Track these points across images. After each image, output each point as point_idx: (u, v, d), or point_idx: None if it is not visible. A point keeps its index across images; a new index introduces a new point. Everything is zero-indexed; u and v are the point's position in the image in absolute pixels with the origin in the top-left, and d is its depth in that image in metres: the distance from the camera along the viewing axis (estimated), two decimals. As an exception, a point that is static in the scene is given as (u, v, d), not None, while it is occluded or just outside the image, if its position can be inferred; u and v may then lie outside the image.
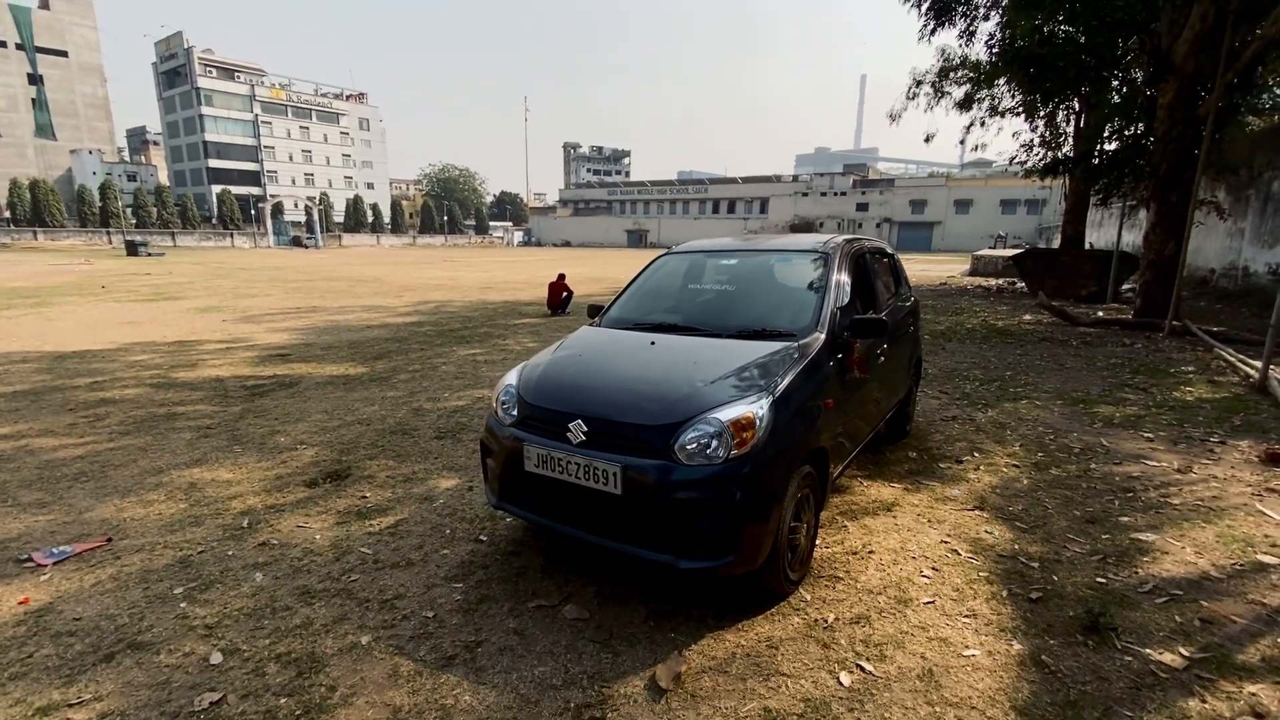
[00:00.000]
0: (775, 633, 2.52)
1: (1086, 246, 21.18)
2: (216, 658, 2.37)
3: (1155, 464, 4.39)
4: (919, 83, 20.34)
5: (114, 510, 3.68)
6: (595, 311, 4.01)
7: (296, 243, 66.26)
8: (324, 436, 5.09)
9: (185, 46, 76.26)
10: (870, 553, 3.15)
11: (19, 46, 70.90)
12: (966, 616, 2.62)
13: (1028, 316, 12.67)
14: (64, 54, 74.52)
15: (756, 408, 2.53)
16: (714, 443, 2.44)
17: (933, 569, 3.00)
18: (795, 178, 79.29)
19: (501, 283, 21.87)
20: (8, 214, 58.81)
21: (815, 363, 2.95)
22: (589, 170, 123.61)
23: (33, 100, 72.82)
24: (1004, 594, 2.77)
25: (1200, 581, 2.87)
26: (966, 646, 2.42)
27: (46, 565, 3.04)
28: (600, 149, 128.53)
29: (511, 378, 3.14)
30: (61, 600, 2.77)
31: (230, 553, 3.17)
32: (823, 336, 3.11)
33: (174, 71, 78.34)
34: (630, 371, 2.96)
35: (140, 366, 7.97)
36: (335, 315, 13.26)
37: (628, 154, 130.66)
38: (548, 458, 2.67)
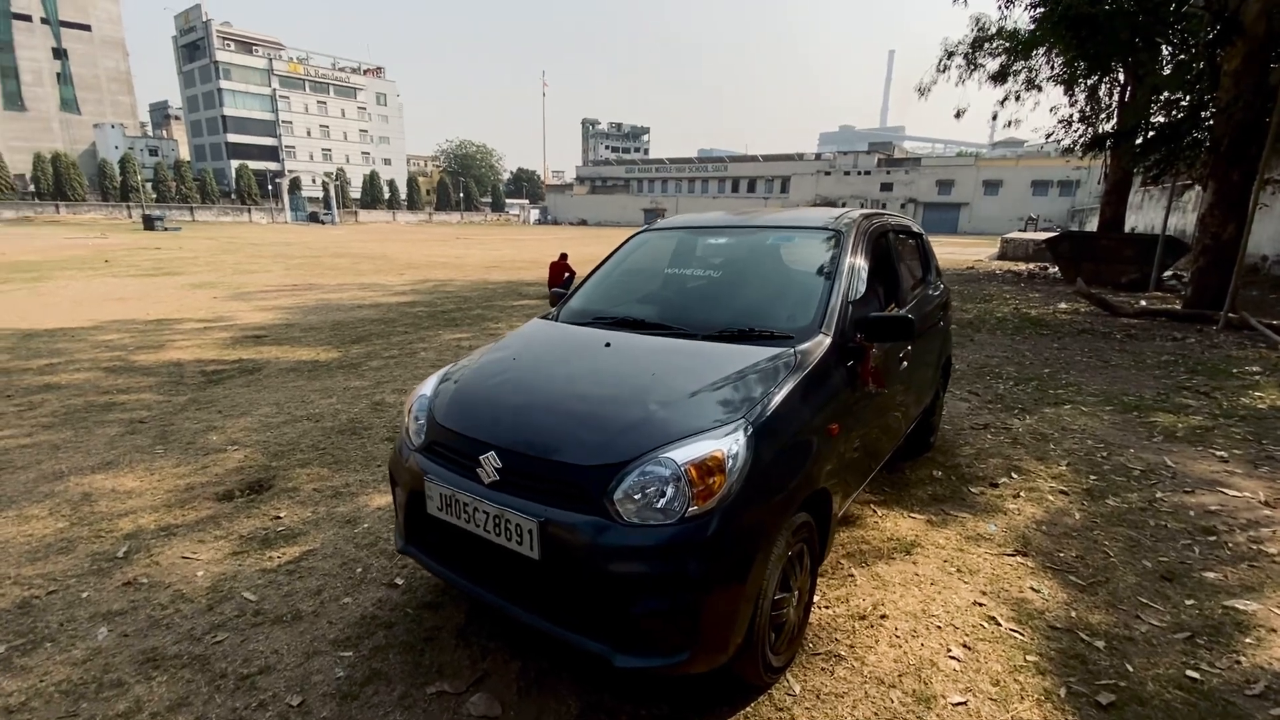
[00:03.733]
0: (747, 748, 1.85)
1: (1127, 230, 19.93)
2: (-8, 766, 1.77)
3: (1236, 494, 3.62)
4: (950, 54, 19.10)
5: (-19, 529, 3.11)
6: (557, 299, 3.32)
7: (314, 218, 66.12)
8: (262, 435, 4.50)
9: (204, 19, 75.85)
10: (882, 618, 2.46)
11: (44, 20, 70.95)
12: (1011, 729, 1.93)
13: (1063, 305, 11.71)
14: (87, 28, 74.41)
15: (729, 443, 1.83)
16: (667, 492, 1.76)
17: (963, 646, 2.30)
18: (818, 156, 77.28)
19: (508, 262, 21.21)
20: (32, 187, 59.28)
21: (816, 375, 2.24)
22: (607, 147, 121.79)
23: (57, 74, 72.96)
24: (1061, 693, 2.07)
25: (1326, 677, 2.15)
26: (1013, 785, 1.74)
27: None
28: (619, 125, 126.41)
29: (427, 386, 2.47)
30: None
31: (85, 595, 2.57)
32: (828, 340, 2.39)
33: (193, 45, 78.09)
34: (569, 386, 2.27)
35: (105, 347, 7.48)
36: (329, 294, 12.74)
37: (647, 131, 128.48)
38: (452, 500, 2.01)
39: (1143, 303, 11.45)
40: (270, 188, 71.52)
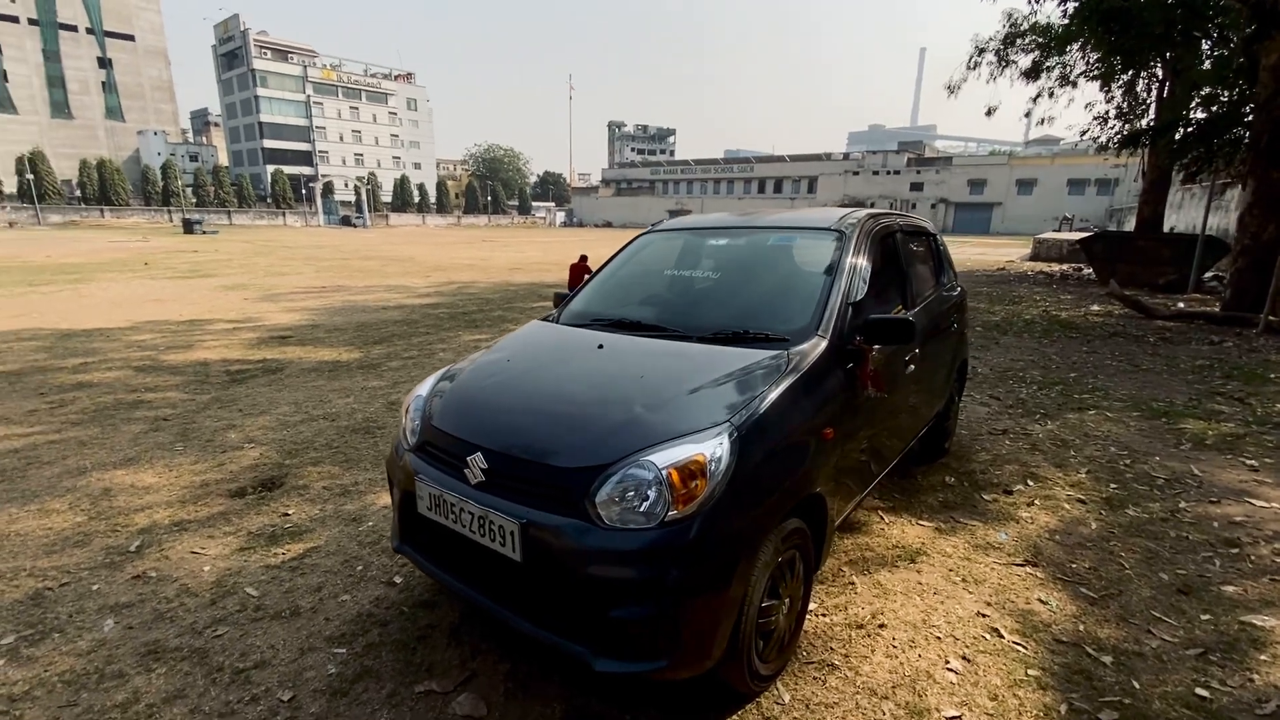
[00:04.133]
0: (730, 757, 1.83)
1: (1166, 230, 19.26)
2: (-5, 751, 1.84)
3: (1264, 504, 3.46)
4: (981, 51, 18.75)
5: (5, 521, 3.23)
6: (560, 301, 3.33)
7: (346, 222, 67.58)
8: (279, 434, 4.60)
9: (241, 29, 78.06)
10: (880, 627, 2.41)
11: (89, 31, 73.78)
12: (1006, 744, 1.87)
13: (1096, 307, 11.38)
14: (130, 38, 77.13)
15: (711, 446, 1.81)
16: (649, 495, 1.75)
17: (963, 659, 2.24)
18: (846, 155, 76.33)
19: (532, 263, 21.39)
20: (79, 193, 61.68)
21: (810, 378, 2.20)
22: (633, 149, 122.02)
23: (103, 83, 75.77)
24: (1062, 709, 1.99)
25: (1350, 700, 2.03)
26: (1004, 803, 1.68)
27: (-111, 593, 2.59)
28: (645, 127, 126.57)
29: (425, 387, 2.50)
30: None
31: (96, 587, 2.65)
32: (825, 342, 2.34)
33: (232, 54, 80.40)
34: (556, 388, 2.27)
35: (137, 347, 7.72)
36: (356, 295, 12.98)
37: (673, 133, 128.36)
38: (441, 500, 2.02)
39: (1180, 305, 11.07)
40: (304, 192, 73.30)
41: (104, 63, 75.34)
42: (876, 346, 2.51)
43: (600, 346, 2.47)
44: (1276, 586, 2.67)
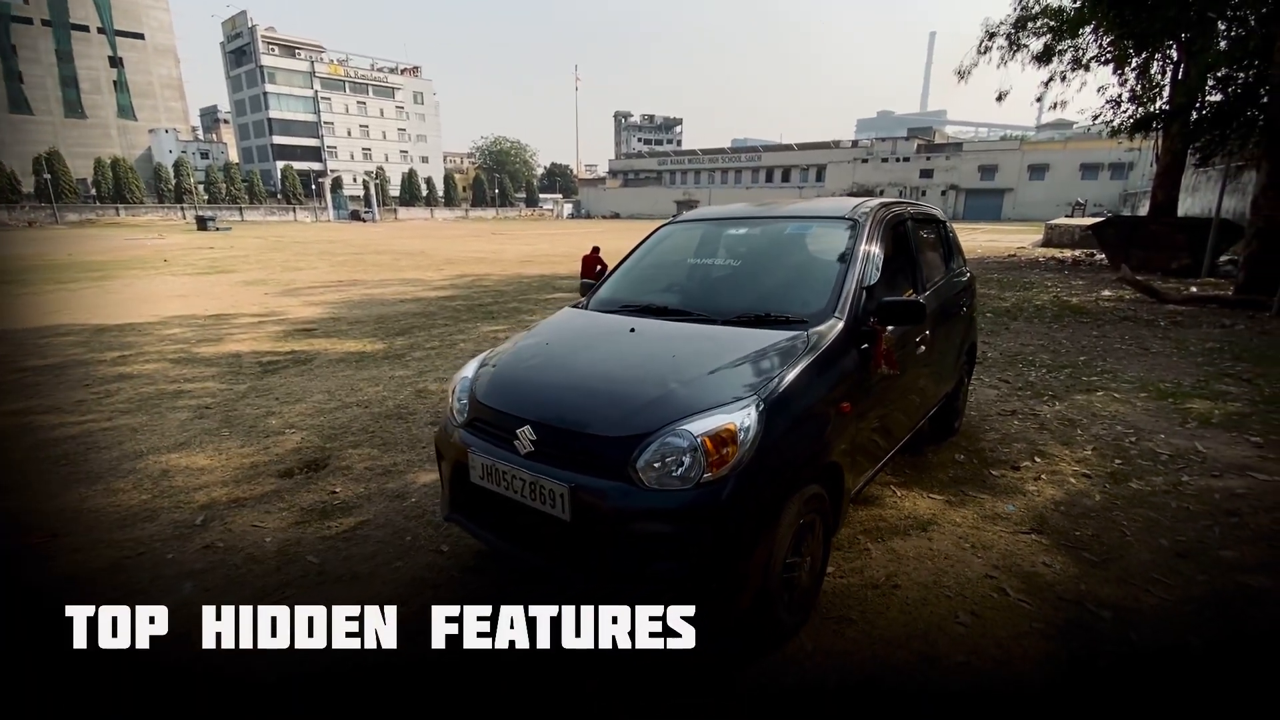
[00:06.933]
0: (760, 696, 2.02)
1: (1180, 214, 19.13)
2: (105, 693, 2.07)
3: (1267, 477, 3.60)
4: (992, 35, 18.62)
5: (76, 499, 3.48)
6: (587, 290, 3.52)
7: (355, 216, 68.04)
8: (316, 420, 4.83)
9: (249, 25, 78.38)
10: (894, 588, 2.60)
11: (100, 30, 74.37)
12: (1011, 686, 2.06)
13: (1107, 292, 11.43)
14: (140, 36, 77.58)
15: (741, 416, 2.00)
16: (685, 460, 1.94)
17: (971, 614, 2.42)
18: (855, 143, 75.72)
19: (542, 256, 21.59)
20: (94, 191, 62.45)
21: (829, 356, 2.38)
22: (640, 140, 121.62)
23: (114, 82, 76.39)
24: (1062, 655, 2.18)
25: (1334, 648, 2.20)
26: (1008, 734, 1.87)
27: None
28: (651, 117, 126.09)
29: (469, 369, 2.70)
30: (-25, 608, 2.54)
31: (170, 556, 2.89)
32: (841, 324, 2.52)
33: (240, 50, 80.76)
34: (596, 367, 2.47)
35: (170, 340, 8.00)
36: (373, 289, 13.23)
37: (679, 122, 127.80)
38: (493, 469, 2.23)
39: (1192, 289, 11.09)
40: (314, 187, 73.79)
41: (115, 62, 75.83)
42: (889, 327, 2.69)
43: (632, 330, 2.66)
44: (1274, 551, 2.83)
